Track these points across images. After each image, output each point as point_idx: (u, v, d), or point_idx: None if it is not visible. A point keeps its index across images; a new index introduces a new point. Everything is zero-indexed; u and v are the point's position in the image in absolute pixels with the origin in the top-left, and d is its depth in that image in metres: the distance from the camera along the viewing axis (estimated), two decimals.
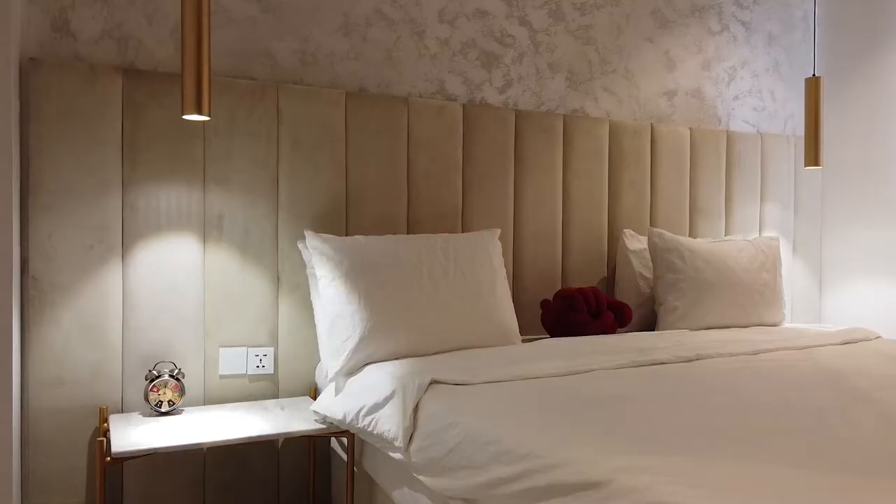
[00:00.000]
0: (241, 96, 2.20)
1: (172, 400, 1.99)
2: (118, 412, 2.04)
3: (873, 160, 3.22)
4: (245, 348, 2.19)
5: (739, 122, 3.30)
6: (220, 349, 2.16)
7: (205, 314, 2.15)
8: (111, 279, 2.04)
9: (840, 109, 3.35)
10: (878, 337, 2.51)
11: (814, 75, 2.91)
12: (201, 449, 2.12)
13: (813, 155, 2.89)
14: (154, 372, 2.00)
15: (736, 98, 3.29)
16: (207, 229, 2.16)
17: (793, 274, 3.34)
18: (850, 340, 2.40)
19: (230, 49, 2.27)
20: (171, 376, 1.99)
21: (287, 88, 2.27)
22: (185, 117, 1.85)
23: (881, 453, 1.21)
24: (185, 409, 2.07)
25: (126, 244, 2.06)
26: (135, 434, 1.82)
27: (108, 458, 1.71)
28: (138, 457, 1.72)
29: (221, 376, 2.17)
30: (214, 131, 2.17)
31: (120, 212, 2.05)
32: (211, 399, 2.16)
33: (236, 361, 2.18)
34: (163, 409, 1.98)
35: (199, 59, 1.85)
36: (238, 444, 1.87)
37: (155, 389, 1.97)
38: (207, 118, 1.88)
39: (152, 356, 2.08)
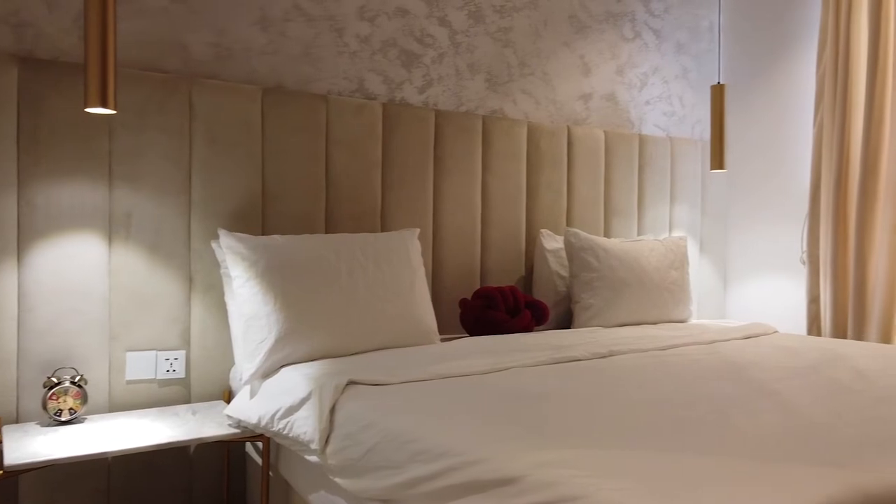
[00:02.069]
0: (152, 90, 2.12)
1: (73, 408, 1.88)
2: (13, 423, 1.92)
3: (773, 164, 3.41)
4: (154, 352, 2.11)
5: (651, 126, 3.43)
6: (128, 353, 2.07)
7: (110, 317, 2.05)
8: (5, 279, 1.91)
9: (743, 116, 3.53)
10: (775, 331, 2.66)
11: (718, 83, 3.06)
12: (106, 459, 2.02)
13: (718, 159, 3.04)
14: (53, 379, 1.88)
15: (647, 103, 3.42)
16: (114, 228, 2.06)
17: (700, 272, 3.49)
18: (750, 335, 2.53)
19: (140, 40, 2.18)
20: (73, 383, 1.89)
21: (201, 83, 2.20)
22: (89, 110, 1.77)
23: (778, 440, 1.28)
24: (88, 417, 1.96)
25: (22, 243, 1.94)
26: (32, 445, 1.71)
27: (1, 472, 1.60)
28: (35, 469, 1.62)
29: (128, 381, 2.07)
30: (122, 126, 2.07)
31: (16, 208, 1.93)
32: (117, 406, 2.06)
33: (145, 366, 2.09)
34: (63, 419, 1.87)
35: (103, 49, 1.77)
36: (146, 452, 1.79)
37: (54, 397, 1.86)
38: (113, 112, 1.80)
39: (52, 362, 1.96)
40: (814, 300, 3.08)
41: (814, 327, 3.08)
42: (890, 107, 2.84)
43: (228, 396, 2.17)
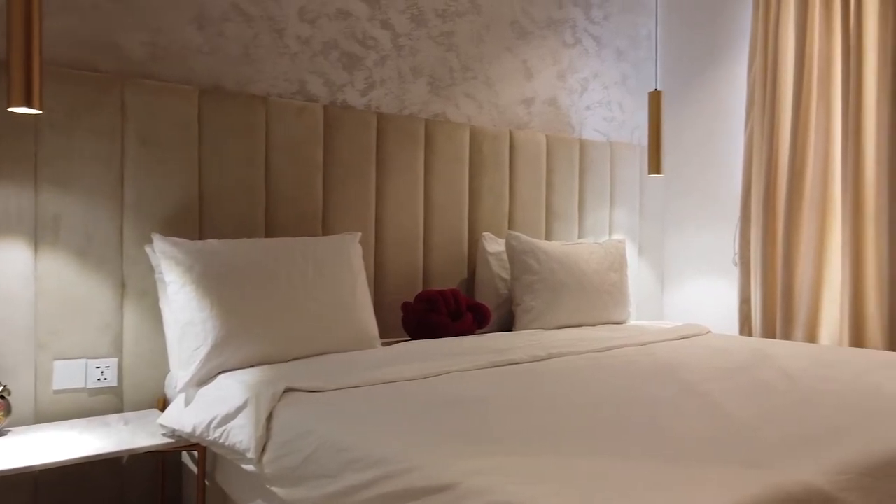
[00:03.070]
0: (82, 89, 2.05)
1: None
2: None
3: (707, 168, 3.52)
4: (84, 360, 2.04)
5: (591, 130, 3.49)
6: (55, 362, 2.00)
7: (37, 324, 1.98)
8: None
9: (679, 122, 3.63)
10: (708, 332, 2.75)
11: (656, 90, 3.14)
12: (32, 472, 1.94)
13: (655, 163, 3.12)
14: None
15: (588, 108, 3.48)
16: (40, 232, 1.99)
17: (639, 274, 3.58)
18: (684, 336, 2.61)
19: (70, 38, 2.10)
20: None
21: (135, 83, 2.14)
22: (12, 110, 1.70)
23: (705, 442, 1.32)
24: (12, 429, 1.88)
25: None
26: None
27: None
28: None
29: (56, 391, 2.00)
30: (50, 126, 2.00)
31: None
32: (44, 417, 1.99)
33: (74, 374, 2.02)
34: None
35: (28, 45, 1.70)
36: (75, 465, 1.73)
37: None
38: (39, 112, 1.74)
39: None
40: (745, 301, 3.19)
41: (745, 327, 3.19)
42: (815, 115, 2.97)
43: (163, 405, 2.12)
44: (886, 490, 1.22)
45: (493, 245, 2.90)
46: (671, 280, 3.69)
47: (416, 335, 2.50)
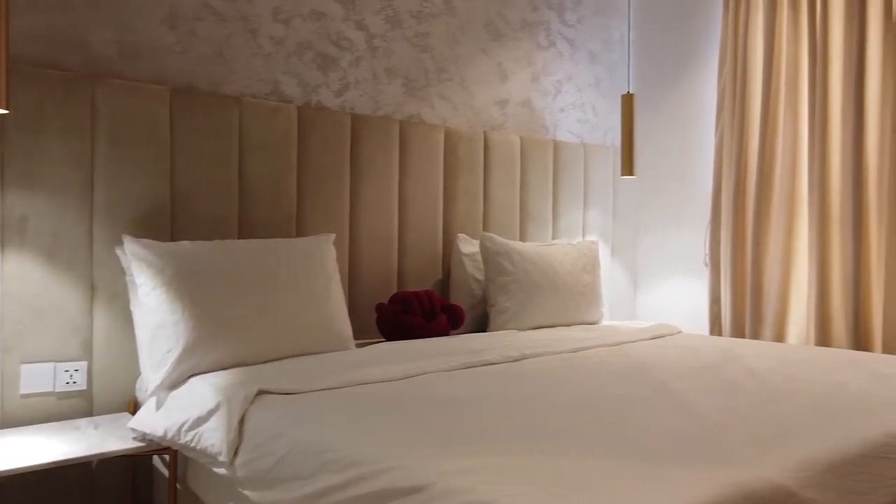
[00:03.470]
0: (50, 88, 2.01)
1: None
2: None
3: (679, 170, 3.57)
4: (52, 363, 2.01)
5: (565, 132, 3.52)
6: (22, 365, 1.96)
7: (2, 328, 1.94)
8: None
9: (652, 124, 3.68)
10: (679, 332, 2.80)
11: (628, 92, 3.18)
12: None
13: (628, 165, 3.16)
14: None
15: (562, 110, 3.51)
16: (7, 234, 1.95)
17: (612, 275, 3.62)
18: (656, 336, 2.65)
19: (37, 36, 2.06)
20: None
21: (104, 82, 2.11)
22: None
23: (674, 441, 1.35)
24: None
25: None
26: None
27: None
28: None
29: (23, 395, 1.97)
30: (16, 125, 1.96)
31: None
32: (10, 422, 1.95)
33: (42, 378, 1.98)
34: None
35: None
36: (44, 470, 1.70)
37: None
38: (5, 111, 1.70)
39: None
40: (715, 301, 3.25)
41: (715, 327, 3.25)
42: (783, 119, 3.03)
43: (134, 408, 2.09)
44: (846, 486, 1.26)
45: (468, 246, 2.91)
46: (643, 281, 3.74)
47: (390, 336, 2.50)
